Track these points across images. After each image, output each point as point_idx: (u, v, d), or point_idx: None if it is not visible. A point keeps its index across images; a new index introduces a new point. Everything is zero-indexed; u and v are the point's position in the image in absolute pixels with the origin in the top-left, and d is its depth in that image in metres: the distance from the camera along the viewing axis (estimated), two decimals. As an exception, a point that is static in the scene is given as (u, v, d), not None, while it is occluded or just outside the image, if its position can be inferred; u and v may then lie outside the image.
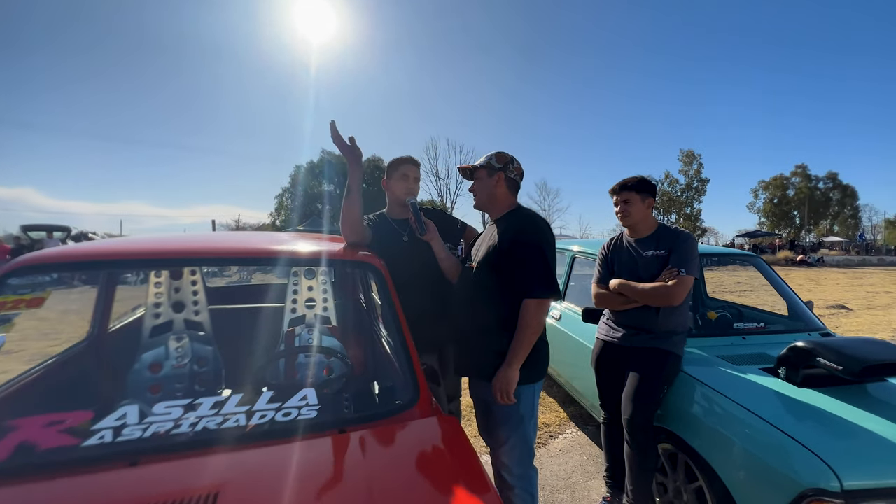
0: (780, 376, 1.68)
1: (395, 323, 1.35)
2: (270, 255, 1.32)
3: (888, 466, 1.22)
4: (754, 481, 1.37)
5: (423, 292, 1.98)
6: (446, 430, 1.03)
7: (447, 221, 2.14)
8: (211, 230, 26.76)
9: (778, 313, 2.67)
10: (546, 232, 1.49)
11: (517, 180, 1.61)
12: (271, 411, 0.99)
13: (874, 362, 1.46)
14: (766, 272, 2.68)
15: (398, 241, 1.98)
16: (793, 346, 1.66)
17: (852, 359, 1.48)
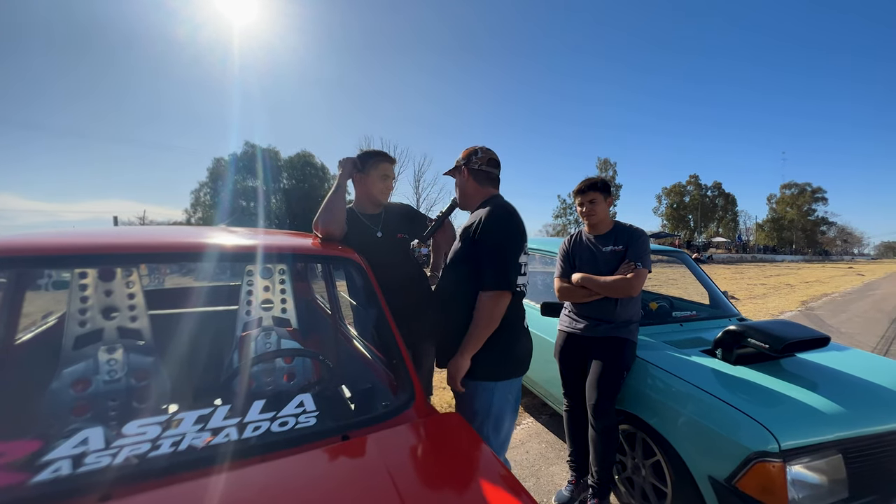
0: (718, 356, 1.91)
1: (383, 319, 1.30)
2: (243, 251, 1.19)
3: (811, 426, 1.44)
4: (706, 450, 1.54)
5: (396, 289, 1.93)
6: (454, 428, 1.01)
7: (417, 219, 2.12)
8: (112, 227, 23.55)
9: (701, 303, 3.03)
10: (504, 223, 1.43)
11: (485, 169, 1.56)
12: (266, 422, 0.89)
13: (792, 340, 1.73)
14: (691, 267, 3.02)
15: (372, 237, 1.91)
16: (727, 329, 1.89)
17: (776, 338, 1.73)
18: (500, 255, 1.40)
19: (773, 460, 1.35)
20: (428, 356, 2.09)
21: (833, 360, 1.88)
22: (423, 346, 2.04)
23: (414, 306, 1.99)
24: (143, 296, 1.71)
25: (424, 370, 2.09)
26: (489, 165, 1.57)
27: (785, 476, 1.35)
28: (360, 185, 1.90)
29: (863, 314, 7.70)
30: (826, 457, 1.41)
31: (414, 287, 2.01)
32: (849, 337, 5.68)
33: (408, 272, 1.99)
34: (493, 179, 1.59)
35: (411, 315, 1.97)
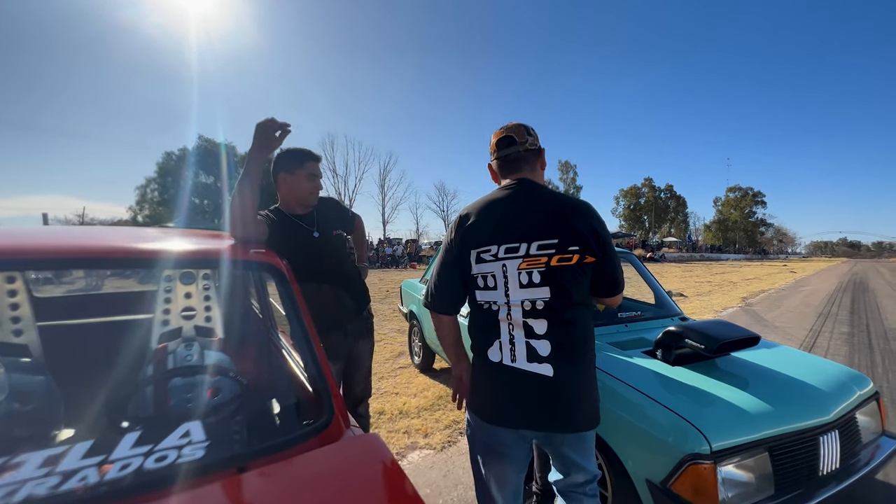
0: (658, 357, 1.93)
1: (303, 331, 1.18)
2: (136, 255, 1.04)
3: (741, 426, 1.46)
4: (644, 453, 1.53)
5: (336, 291, 1.84)
6: (369, 451, 0.91)
7: (343, 212, 2.03)
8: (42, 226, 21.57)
9: (647, 302, 3.11)
10: (451, 227, 1.26)
11: (497, 157, 1.29)
12: (138, 458, 0.76)
13: (725, 340, 1.77)
14: (638, 268, 3.09)
15: (308, 237, 1.78)
16: (667, 330, 1.92)
17: (710, 338, 1.77)
18: (434, 267, 1.28)
19: (705, 462, 1.36)
20: (366, 356, 2.01)
21: (763, 358, 1.95)
22: (357, 348, 1.95)
23: (353, 306, 1.90)
24: (30, 306, 1.50)
25: (363, 372, 2.00)
26: (499, 148, 1.27)
27: (716, 477, 1.36)
28: (287, 185, 1.77)
29: (794, 309, 8.32)
30: (754, 455, 1.44)
31: (353, 286, 1.93)
32: (782, 331, 6.09)
33: (347, 271, 1.90)
34: (512, 162, 1.25)
35: (350, 315, 1.88)
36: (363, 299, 1.99)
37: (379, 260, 24.46)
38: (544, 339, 1.11)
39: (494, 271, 1.13)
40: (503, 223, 1.14)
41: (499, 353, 1.15)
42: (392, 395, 3.35)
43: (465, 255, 1.17)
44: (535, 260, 1.10)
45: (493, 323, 1.16)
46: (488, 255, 1.14)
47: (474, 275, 1.17)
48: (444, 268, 1.24)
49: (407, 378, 3.79)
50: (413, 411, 3.04)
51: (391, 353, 4.67)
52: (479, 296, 1.18)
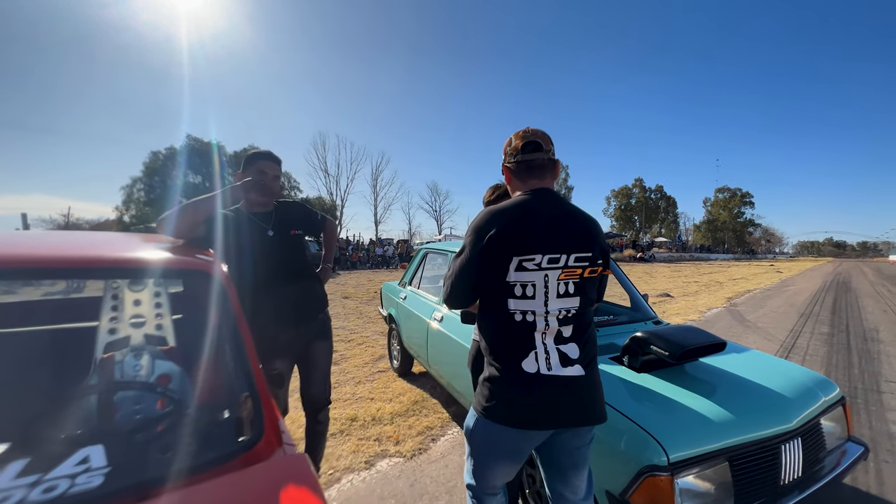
0: (624, 363, 1.90)
1: (236, 342, 1.12)
2: (31, 265, 0.97)
3: (700, 436, 1.43)
4: (605, 464, 1.49)
5: (289, 290, 1.80)
6: (292, 476, 0.86)
7: (308, 214, 1.99)
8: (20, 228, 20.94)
9: (623, 305, 3.09)
10: (476, 225, 1.19)
11: (521, 159, 1.25)
12: (20, 490, 0.69)
13: (690, 346, 1.74)
14: (613, 270, 3.06)
15: (262, 236, 1.76)
16: (633, 336, 1.89)
17: (675, 345, 1.74)
18: (457, 265, 1.22)
19: (662, 474, 1.32)
20: (324, 357, 1.96)
21: (731, 363, 1.93)
22: (314, 348, 1.92)
23: (307, 307, 1.86)
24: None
25: (320, 373, 1.96)
26: (525, 152, 1.24)
27: (673, 489, 1.32)
28: (245, 184, 1.73)
29: (777, 309, 8.40)
30: (713, 466, 1.41)
31: (310, 286, 1.89)
32: (763, 331, 6.14)
33: (301, 271, 1.86)
34: (537, 168, 1.24)
35: (302, 316, 1.84)
36: (320, 300, 1.96)
37: (370, 260, 24.32)
38: (571, 342, 1.17)
39: (536, 280, 1.14)
40: (546, 233, 1.15)
41: (535, 363, 1.14)
42: (367, 401, 3.28)
43: (503, 261, 1.14)
44: (571, 271, 1.16)
45: (527, 333, 1.15)
46: (531, 265, 1.13)
47: (511, 282, 1.14)
48: (471, 270, 1.19)
49: (384, 382, 3.73)
50: (387, 417, 2.98)
51: (371, 356, 4.60)
52: (513, 304, 1.15)
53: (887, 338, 5.66)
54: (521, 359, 1.15)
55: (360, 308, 8.11)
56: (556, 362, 1.14)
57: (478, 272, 1.18)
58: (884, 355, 4.73)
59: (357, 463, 2.40)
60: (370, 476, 2.29)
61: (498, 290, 1.16)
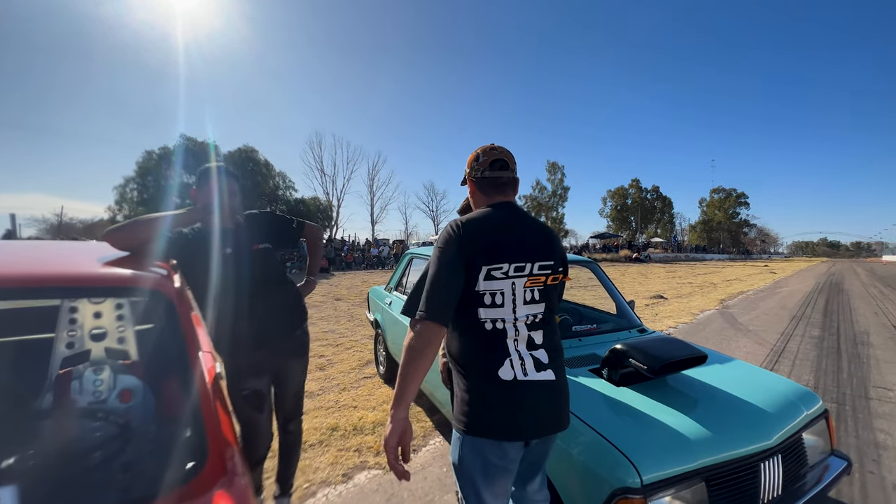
0: (604, 376, 1.86)
1: (182, 359, 1.07)
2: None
3: (677, 455, 1.39)
4: (578, 484, 1.45)
5: (254, 308, 1.72)
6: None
7: (279, 224, 1.92)
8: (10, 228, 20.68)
9: (609, 312, 3.05)
10: (448, 234, 1.18)
11: (488, 176, 1.29)
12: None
13: (669, 360, 1.70)
14: (599, 276, 3.02)
15: (220, 253, 1.68)
16: (613, 348, 1.84)
17: (654, 358, 1.69)
18: (426, 278, 1.17)
19: (635, 496, 1.28)
20: (296, 376, 1.90)
21: (712, 376, 1.88)
22: (287, 367, 1.85)
23: (279, 325, 1.79)
24: None
25: (292, 391, 1.90)
26: (493, 169, 1.29)
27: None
28: (200, 201, 1.68)
29: (769, 311, 8.40)
30: (689, 487, 1.36)
31: (279, 302, 1.81)
32: (755, 334, 6.13)
33: (271, 287, 1.78)
34: (502, 185, 1.30)
35: (272, 335, 1.77)
36: (296, 316, 1.88)
37: (365, 261, 24.23)
38: (541, 348, 1.19)
39: (504, 289, 1.17)
40: (512, 243, 1.19)
41: (511, 370, 1.15)
42: (350, 409, 3.23)
43: (474, 269, 1.15)
44: (536, 279, 1.20)
45: (499, 341, 1.17)
46: (499, 273, 1.16)
47: (480, 291, 1.16)
48: (451, 274, 1.13)
49: (369, 389, 3.67)
50: (368, 427, 2.92)
51: (359, 361, 4.54)
52: (483, 313, 1.17)
53: (877, 341, 5.66)
54: (496, 367, 1.14)
55: (351, 311, 8.04)
56: (531, 368, 1.16)
57: (457, 280, 1.15)
58: (873, 360, 4.72)
59: (334, 476, 2.34)
60: (346, 490, 2.23)
61: (467, 300, 1.17)
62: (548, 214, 49.34)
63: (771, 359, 4.77)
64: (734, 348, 5.24)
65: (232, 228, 1.71)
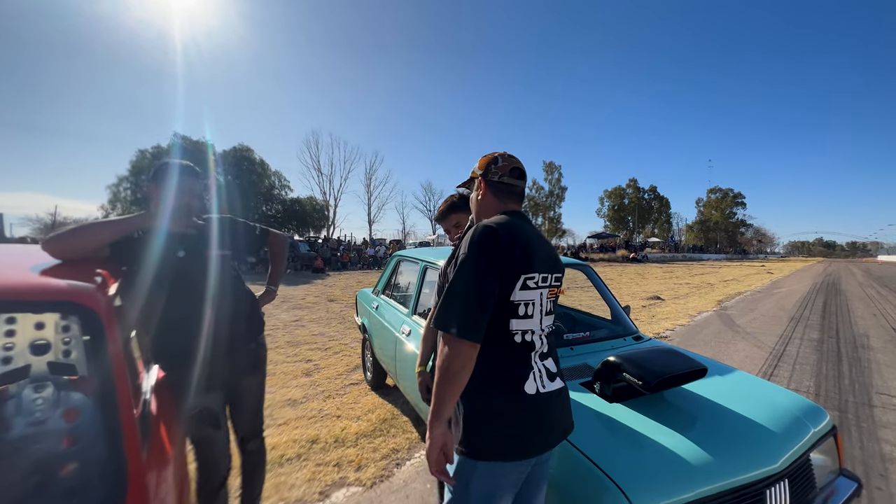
0: (595, 391, 1.72)
1: (105, 380, 0.93)
2: None
3: (673, 483, 1.25)
4: (566, 514, 1.31)
5: (205, 318, 1.58)
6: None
7: (240, 230, 1.77)
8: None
9: (603, 317, 2.91)
10: (485, 243, 1.08)
11: (506, 181, 1.25)
12: None
13: (666, 375, 1.56)
14: (593, 280, 2.89)
15: (171, 257, 1.53)
16: (605, 361, 1.71)
17: (649, 372, 1.56)
18: (461, 284, 1.05)
19: (627, 532, 1.14)
20: (252, 392, 1.76)
21: (712, 390, 1.75)
22: (242, 383, 1.71)
23: (230, 337, 1.64)
24: None
25: (248, 410, 1.76)
26: (512, 176, 1.26)
27: (640, 549, 1.14)
28: (155, 201, 1.52)
29: (767, 313, 8.30)
30: (687, 519, 1.23)
31: (233, 312, 1.66)
32: (753, 337, 6.02)
33: (224, 296, 1.62)
34: (517, 194, 1.29)
35: (227, 348, 1.62)
36: (251, 328, 1.74)
37: (361, 261, 24.05)
38: (549, 357, 1.18)
39: (534, 299, 1.14)
40: (540, 252, 1.17)
41: (534, 383, 1.12)
42: (333, 419, 3.08)
43: (511, 278, 1.10)
44: (553, 290, 1.20)
45: (526, 354, 1.13)
46: (532, 283, 1.13)
47: (515, 301, 1.11)
48: (490, 284, 1.07)
49: (355, 397, 3.53)
50: (351, 438, 2.78)
51: (347, 366, 4.40)
52: (515, 325, 1.12)
53: (878, 344, 5.56)
54: (523, 381, 1.11)
55: (344, 312, 7.89)
56: (546, 380, 1.15)
57: (495, 290, 1.08)
58: (874, 364, 4.61)
59: (310, 494, 2.20)
60: (323, 510, 2.09)
61: (498, 311, 1.10)
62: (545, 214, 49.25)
63: (770, 363, 4.65)
64: (732, 352, 5.13)
65: (188, 232, 1.56)
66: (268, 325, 6.88)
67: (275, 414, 3.16)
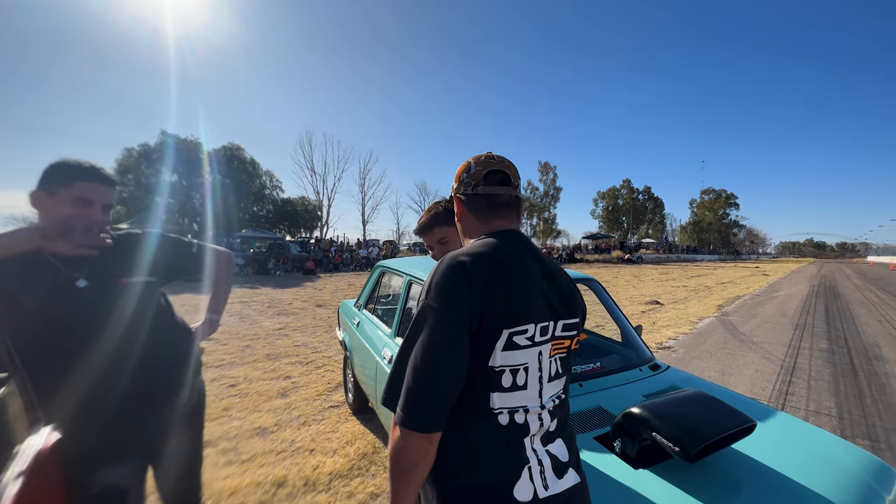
0: (615, 450, 1.37)
1: None
2: None
3: None
4: None
5: (117, 363, 1.20)
6: None
7: (169, 248, 1.39)
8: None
9: (612, 339, 2.58)
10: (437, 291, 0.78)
11: (482, 192, 0.94)
12: None
13: (710, 439, 1.22)
14: (600, 296, 2.55)
15: (68, 286, 1.15)
16: (627, 413, 1.36)
17: (689, 435, 1.21)
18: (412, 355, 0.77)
19: None
20: (183, 454, 1.39)
21: (762, 447, 1.40)
22: (172, 444, 1.34)
23: (151, 388, 1.27)
24: None
25: (175, 479, 1.39)
26: (489, 183, 0.93)
27: None
28: (44, 211, 1.14)
29: (770, 319, 8.04)
30: None
31: (154, 356, 1.29)
32: (760, 346, 5.73)
33: (142, 336, 1.25)
34: (501, 205, 0.94)
35: (147, 403, 1.25)
36: (180, 374, 1.36)
37: (353, 262, 23.62)
38: (557, 437, 0.87)
39: (528, 362, 0.82)
40: (534, 292, 0.84)
41: (530, 485, 0.80)
42: (305, 454, 2.71)
43: (489, 335, 0.78)
44: (560, 343, 0.87)
45: (517, 441, 0.81)
46: (523, 339, 0.80)
47: (496, 368, 0.79)
48: (453, 354, 0.76)
49: (333, 423, 3.16)
50: (324, 479, 2.41)
51: (328, 385, 4.02)
52: (498, 401, 0.80)
53: (892, 356, 5.28)
54: (511, 483, 0.79)
55: (331, 319, 7.50)
56: (550, 476, 0.82)
57: (462, 360, 0.78)
58: (894, 379, 4.32)
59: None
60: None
61: (473, 382, 0.79)
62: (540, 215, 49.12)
63: (783, 378, 4.35)
64: (741, 365, 4.82)
65: (89, 254, 1.18)
66: (249, 335, 6.48)
67: (240, 447, 2.78)
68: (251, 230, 24.64)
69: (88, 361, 1.14)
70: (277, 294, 11.21)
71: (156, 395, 1.26)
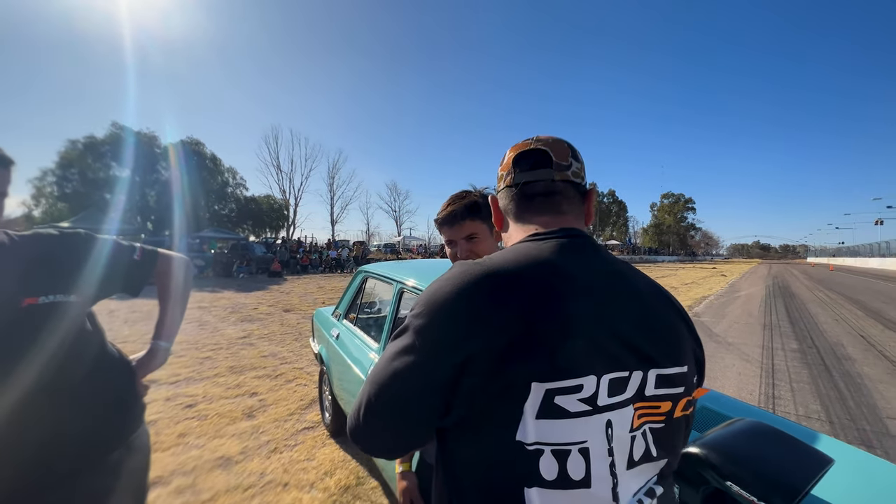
0: (675, 496, 1.14)
1: None
2: None
3: None
4: None
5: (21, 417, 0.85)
6: None
7: (96, 256, 1.03)
8: None
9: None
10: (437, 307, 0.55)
11: (509, 186, 0.71)
12: None
13: (800, 489, 1.00)
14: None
15: None
16: (687, 453, 1.13)
17: (775, 488, 0.99)
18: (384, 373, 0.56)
19: None
20: None
21: (841, 490, 1.22)
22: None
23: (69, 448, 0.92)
24: None
25: None
26: (521, 168, 0.69)
27: None
28: None
29: (738, 319, 8.29)
30: None
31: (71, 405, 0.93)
32: (736, 348, 5.81)
33: (54, 377, 0.89)
34: (538, 195, 0.68)
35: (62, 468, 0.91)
36: (114, 427, 1.00)
37: (323, 264, 22.82)
38: None
39: (589, 439, 0.51)
40: (594, 324, 0.54)
41: None
42: (278, 489, 2.34)
43: (510, 392, 0.50)
44: (653, 407, 0.56)
45: None
46: (573, 401, 0.50)
47: (529, 447, 0.50)
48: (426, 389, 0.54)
49: (308, 449, 2.80)
50: (300, 522, 2.07)
51: (300, 401, 3.63)
52: (540, 502, 0.50)
53: (856, 355, 5.48)
54: None
55: (301, 326, 7.02)
56: None
57: (440, 398, 0.54)
58: (867, 379, 4.43)
59: None
60: None
61: (500, 468, 0.52)
62: (510, 216, 49.83)
63: (766, 381, 4.37)
64: (724, 368, 4.83)
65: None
66: (209, 345, 5.91)
67: (199, 483, 2.38)
68: (212, 230, 23.23)
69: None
70: (241, 298, 10.50)
71: (73, 457, 0.90)
